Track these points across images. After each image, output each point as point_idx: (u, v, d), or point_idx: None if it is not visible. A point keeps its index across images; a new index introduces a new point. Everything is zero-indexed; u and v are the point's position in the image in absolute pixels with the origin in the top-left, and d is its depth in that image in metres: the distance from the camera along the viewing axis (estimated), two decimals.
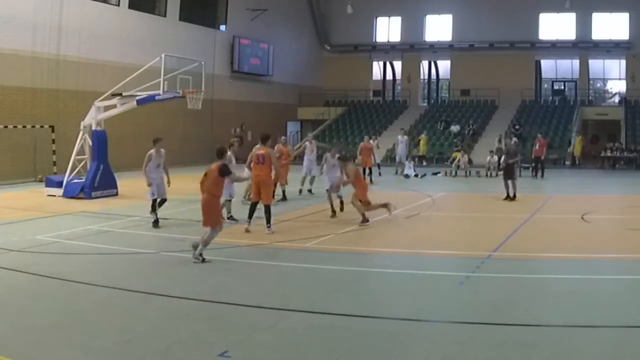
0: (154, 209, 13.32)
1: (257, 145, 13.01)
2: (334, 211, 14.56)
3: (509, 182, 17.24)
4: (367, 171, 23.35)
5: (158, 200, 13.48)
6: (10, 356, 5.86)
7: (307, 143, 20.48)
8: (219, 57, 33.57)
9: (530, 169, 25.66)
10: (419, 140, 32.10)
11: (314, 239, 11.76)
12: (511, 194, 17.04)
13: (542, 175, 24.88)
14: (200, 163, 26.13)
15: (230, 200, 14.08)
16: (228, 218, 14.04)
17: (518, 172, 18.47)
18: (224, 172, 9.97)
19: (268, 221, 12.36)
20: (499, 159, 26.69)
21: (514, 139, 29.57)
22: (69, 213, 15.07)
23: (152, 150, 13.56)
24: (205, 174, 10.04)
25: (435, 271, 9.72)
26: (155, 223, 13.17)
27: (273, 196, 13.77)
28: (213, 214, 9.92)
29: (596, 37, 37.26)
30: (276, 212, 15.14)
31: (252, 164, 12.69)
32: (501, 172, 25.73)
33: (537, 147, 25.71)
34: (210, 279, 9.02)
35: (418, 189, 21.02)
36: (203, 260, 9.66)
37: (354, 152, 24.18)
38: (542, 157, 25.59)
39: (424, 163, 30.79)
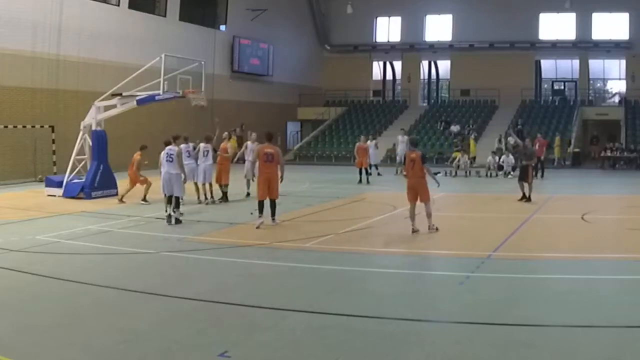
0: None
1: (254, 144, 13.51)
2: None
3: (524, 183, 17.14)
4: (364, 171, 23.26)
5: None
6: (10, 356, 5.86)
7: (248, 143, 18.52)
8: (219, 57, 33.56)
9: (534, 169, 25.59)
10: (469, 144, 31.48)
11: (314, 239, 11.76)
12: (527, 194, 17.00)
13: (542, 175, 24.87)
14: None
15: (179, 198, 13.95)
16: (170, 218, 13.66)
17: (533, 174, 18.38)
18: (425, 158, 12.65)
19: (273, 214, 13.10)
20: (499, 158, 26.70)
21: (515, 139, 29.50)
22: (69, 213, 15.06)
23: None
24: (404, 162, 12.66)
25: (435, 271, 9.72)
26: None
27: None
28: (427, 191, 12.34)
29: (596, 37, 37.25)
30: (276, 212, 15.16)
31: (258, 162, 13.37)
32: (501, 173, 25.98)
33: (536, 147, 25.68)
34: (210, 279, 9.03)
35: None
36: (437, 229, 12.21)
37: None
38: (542, 157, 25.58)
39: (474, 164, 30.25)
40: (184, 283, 8.71)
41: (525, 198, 16.94)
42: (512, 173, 24.68)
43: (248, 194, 17.88)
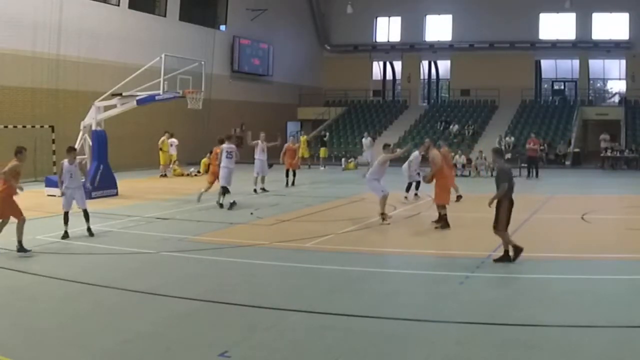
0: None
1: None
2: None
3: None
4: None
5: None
6: (10, 356, 5.86)
7: (258, 142, 19.48)
8: (219, 57, 33.57)
9: (527, 170, 25.57)
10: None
11: (314, 239, 11.77)
12: None
13: (537, 176, 24.87)
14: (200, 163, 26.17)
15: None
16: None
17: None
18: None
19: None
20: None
21: (512, 138, 29.58)
22: None
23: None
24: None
25: (435, 271, 9.72)
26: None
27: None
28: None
29: (596, 37, 37.26)
30: (276, 212, 15.19)
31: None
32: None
33: (531, 145, 25.68)
34: (210, 279, 9.03)
35: (418, 189, 20.97)
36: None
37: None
38: (543, 156, 25.56)
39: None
40: (184, 283, 8.72)
41: None
42: None
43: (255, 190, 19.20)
